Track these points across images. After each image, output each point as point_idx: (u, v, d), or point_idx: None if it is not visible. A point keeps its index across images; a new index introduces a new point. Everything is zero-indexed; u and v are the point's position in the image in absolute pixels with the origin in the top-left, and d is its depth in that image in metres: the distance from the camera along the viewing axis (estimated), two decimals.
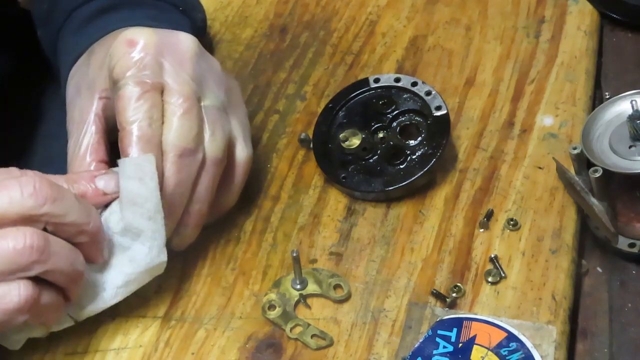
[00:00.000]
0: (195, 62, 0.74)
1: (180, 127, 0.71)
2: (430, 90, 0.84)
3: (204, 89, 0.74)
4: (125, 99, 0.71)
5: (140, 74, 0.71)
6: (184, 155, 0.71)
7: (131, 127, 0.70)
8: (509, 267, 0.75)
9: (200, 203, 0.73)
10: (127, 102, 0.71)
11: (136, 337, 0.74)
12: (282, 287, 0.75)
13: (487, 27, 0.95)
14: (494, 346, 0.69)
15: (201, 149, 0.72)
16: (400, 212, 0.80)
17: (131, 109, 0.70)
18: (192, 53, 0.74)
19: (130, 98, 0.71)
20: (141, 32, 0.73)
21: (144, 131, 0.70)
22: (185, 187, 0.72)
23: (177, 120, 0.71)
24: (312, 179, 0.84)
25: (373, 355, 0.71)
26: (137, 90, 0.71)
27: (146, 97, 0.71)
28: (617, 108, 0.78)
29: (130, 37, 0.73)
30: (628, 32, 0.94)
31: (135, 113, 0.70)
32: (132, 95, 0.71)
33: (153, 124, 0.71)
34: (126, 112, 0.70)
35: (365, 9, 0.99)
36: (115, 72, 0.72)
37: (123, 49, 0.72)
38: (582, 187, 0.75)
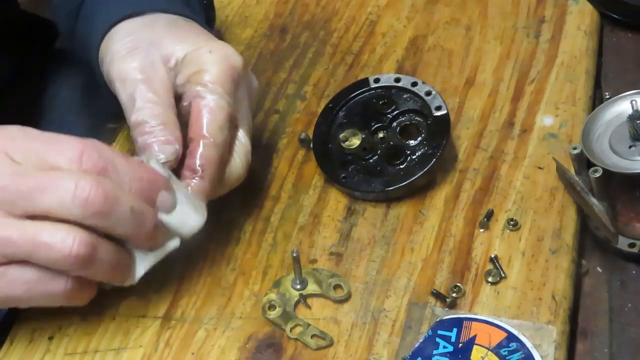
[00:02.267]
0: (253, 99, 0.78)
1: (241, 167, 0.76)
2: (430, 90, 0.84)
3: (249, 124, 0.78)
4: (215, 112, 0.73)
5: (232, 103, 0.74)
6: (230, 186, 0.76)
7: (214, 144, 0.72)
8: (509, 267, 0.75)
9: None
10: (216, 117, 0.72)
11: (136, 337, 0.74)
12: (282, 287, 0.75)
13: (487, 27, 0.95)
14: (494, 346, 0.69)
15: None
16: (400, 212, 0.80)
17: (219, 125, 0.72)
18: (255, 91, 0.79)
19: (220, 115, 0.73)
20: (240, 59, 0.75)
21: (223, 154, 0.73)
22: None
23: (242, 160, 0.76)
24: (312, 179, 0.84)
25: (373, 355, 0.71)
26: (228, 110, 0.73)
27: (232, 121, 0.74)
28: (617, 108, 0.78)
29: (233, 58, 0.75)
30: (628, 32, 0.94)
31: (221, 132, 0.73)
32: (222, 113, 0.73)
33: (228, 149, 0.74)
34: (213, 125, 0.72)
35: (365, 9, 0.99)
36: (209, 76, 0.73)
37: (224, 63, 0.74)
38: (582, 187, 0.75)
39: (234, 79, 0.74)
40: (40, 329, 0.75)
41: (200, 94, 0.73)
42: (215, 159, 0.72)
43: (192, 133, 0.73)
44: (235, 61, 0.74)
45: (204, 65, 0.74)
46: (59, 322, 0.75)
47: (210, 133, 0.72)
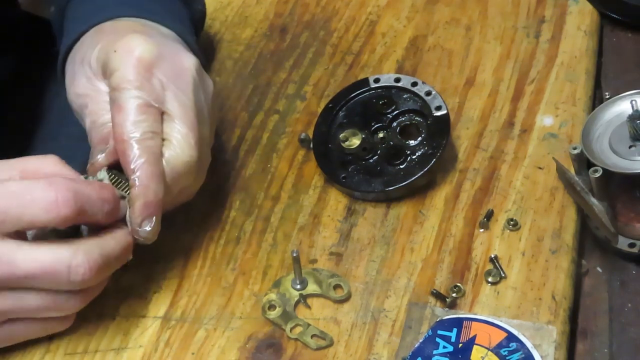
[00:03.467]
0: (196, 89, 0.75)
1: (187, 155, 0.72)
2: (430, 90, 0.84)
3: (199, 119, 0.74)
4: (127, 109, 0.71)
5: (143, 92, 0.71)
6: (179, 179, 0.72)
7: (135, 140, 0.70)
8: (509, 267, 0.75)
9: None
10: (128, 114, 0.71)
11: (136, 337, 0.74)
12: (282, 287, 0.75)
13: (487, 27, 0.95)
14: (494, 346, 0.69)
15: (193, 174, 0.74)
16: (400, 212, 0.80)
17: (133, 120, 0.70)
18: (194, 79, 0.75)
19: (132, 110, 0.71)
20: (146, 45, 0.73)
21: (149, 145, 0.70)
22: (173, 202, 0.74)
23: (183, 146, 0.72)
24: (312, 179, 0.84)
25: (373, 355, 0.71)
26: (140, 103, 0.71)
27: (149, 111, 0.71)
28: (617, 108, 0.78)
29: (135, 49, 0.73)
30: (628, 32, 0.94)
31: (139, 125, 0.70)
32: (134, 107, 0.71)
33: (156, 138, 0.71)
34: (127, 124, 0.70)
35: (365, 9, 0.99)
36: (116, 79, 0.72)
37: (128, 59, 0.72)
38: (582, 187, 0.75)
39: (141, 71, 0.72)
40: None
41: (112, 98, 0.72)
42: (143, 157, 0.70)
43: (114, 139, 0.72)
44: (141, 52, 0.72)
45: (111, 66, 0.73)
46: None
47: (127, 134, 0.70)
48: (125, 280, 0.77)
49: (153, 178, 0.70)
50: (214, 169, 0.85)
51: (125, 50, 0.73)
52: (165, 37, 0.78)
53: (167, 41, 0.76)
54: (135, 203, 0.69)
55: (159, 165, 0.70)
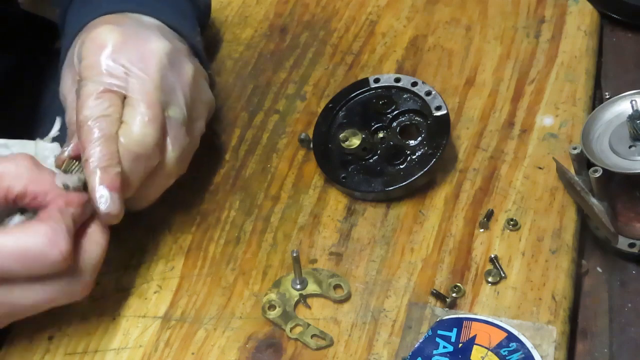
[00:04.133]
0: (163, 71, 0.75)
1: (140, 134, 0.72)
2: (430, 90, 0.84)
3: (169, 100, 0.74)
4: (84, 96, 0.72)
5: (103, 78, 0.72)
6: (138, 160, 0.72)
7: (88, 123, 0.71)
8: (509, 267, 0.75)
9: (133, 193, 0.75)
10: (85, 100, 0.72)
11: (136, 337, 0.74)
12: (282, 287, 0.75)
13: (487, 27, 0.95)
14: (494, 346, 0.69)
15: (157, 157, 0.73)
16: (400, 212, 0.80)
17: (88, 105, 0.71)
18: (161, 61, 0.75)
19: (89, 96, 0.72)
20: (110, 33, 0.74)
21: (101, 127, 0.71)
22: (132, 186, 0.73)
23: (138, 126, 0.72)
24: (312, 179, 0.84)
25: (373, 355, 0.71)
26: (97, 89, 0.72)
27: (105, 96, 0.72)
28: (617, 108, 0.78)
29: (99, 38, 0.74)
30: (628, 32, 0.94)
31: (93, 110, 0.71)
32: (91, 93, 0.72)
33: (111, 123, 0.72)
34: (83, 109, 0.71)
35: (365, 9, 0.99)
36: (81, 68, 0.73)
37: (91, 48, 0.74)
38: (582, 187, 0.75)
39: (103, 58, 0.73)
40: (40, 329, 0.75)
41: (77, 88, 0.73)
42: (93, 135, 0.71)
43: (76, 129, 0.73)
44: (103, 40, 0.74)
45: (80, 58, 0.74)
46: (59, 322, 0.75)
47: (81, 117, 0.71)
48: (125, 280, 0.77)
49: (103, 157, 0.70)
50: (213, 168, 0.85)
51: (90, 40, 0.74)
52: (139, 26, 0.78)
53: (139, 29, 0.77)
54: (89, 182, 0.70)
55: (111, 145, 0.71)
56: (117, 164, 0.70)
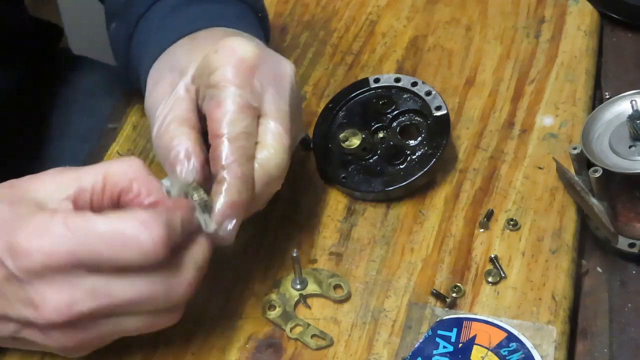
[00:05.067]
0: (292, 94, 0.73)
1: (279, 158, 0.70)
2: (430, 90, 0.84)
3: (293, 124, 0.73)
4: (225, 107, 0.69)
5: (245, 92, 0.70)
6: (271, 183, 0.71)
7: (230, 138, 0.68)
8: (509, 267, 0.75)
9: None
10: (226, 111, 0.69)
11: (136, 337, 0.74)
12: (282, 287, 0.75)
13: (487, 27, 0.95)
14: (494, 346, 0.69)
15: (281, 182, 0.72)
16: (400, 212, 0.80)
17: (231, 118, 0.69)
18: (292, 83, 0.73)
19: (231, 108, 0.69)
20: (251, 48, 0.71)
21: (243, 145, 0.68)
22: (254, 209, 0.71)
23: (277, 150, 0.70)
24: (312, 179, 0.84)
25: (373, 355, 0.71)
26: (239, 102, 0.69)
27: (247, 112, 0.69)
28: (617, 108, 0.78)
29: (239, 49, 0.71)
30: (628, 32, 0.94)
31: (236, 124, 0.69)
32: (233, 105, 0.69)
33: (252, 142, 0.69)
34: (224, 121, 0.69)
35: (365, 9, 0.99)
36: (217, 77, 0.70)
37: (230, 57, 0.71)
38: (582, 187, 0.75)
39: (243, 71, 0.70)
40: None
41: (210, 95, 0.70)
42: (234, 155, 0.68)
43: (209, 136, 0.70)
44: (243, 52, 0.71)
45: (211, 68, 0.71)
46: None
47: (224, 130, 0.69)
48: None
49: (241, 178, 0.68)
50: None
51: (227, 50, 0.71)
52: (262, 43, 0.76)
53: (265, 47, 0.75)
54: (220, 201, 0.67)
55: (249, 167, 0.69)
56: (250, 189, 0.69)
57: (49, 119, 1.03)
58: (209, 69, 0.71)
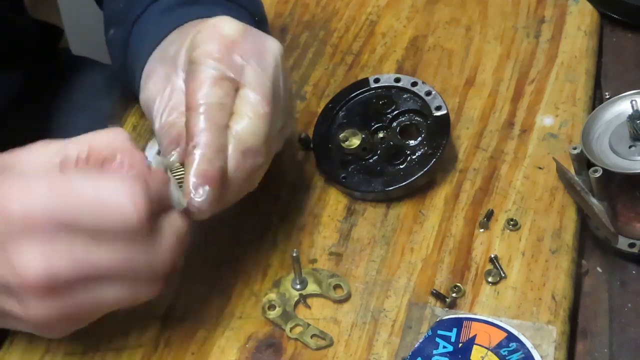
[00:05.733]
0: (276, 70, 0.73)
1: (254, 126, 0.70)
2: (430, 90, 0.84)
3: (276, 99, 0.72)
4: (200, 80, 0.69)
5: (221, 65, 0.70)
6: (247, 154, 0.70)
7: (201, 109, 0.68)
8: (509, 267, 0.75)
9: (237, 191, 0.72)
10: (201, 84, 0.69)
11: (136, 337, 0.74)
12: (282, 287, 0.75)
13: (487, 27, 0.95)
14: (493, 346, 0.69)
15: (261, 157, 0.71)
16: (400, 212, 0.80)
17: (204, 91, 0.69)
18: (276, 60, 0.73)
19: (205, 81, 0.69)
20: (231, 24, 0.72)
21: (214, 115, 0.68)
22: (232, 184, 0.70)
23: (252, 118, 0.70)
24: (312, 179, 0.84)
25: (373, 355, 0.71)
26: (213, 74, 0.69)
27: (222, 84, 0.69)
28: (617, 108, 0.78)
29: (220, 26, 0.72)
30: (628, 32, 0.94)
31: (209, 96, 0.69)
32: (207, 78, 0.69)
33: (224, 110, 0.69)
34: (198, 94, 0.69)
35: (365, 9, 0.99)
36: (196, 53, 0.71)
37: (210, 35, 0.71)
38: (582, 187, 0.75)
39: (222, 45, 0.70)
40: None
41: (189, 71, 0.71)
42: (205, 125, 0.68)
43: (185, 108, 0.70)
44: (223, 27, 0.71)
45: (194, 45, 0.71)
46: None
47: (195, 103, 0.69)
48: None
49: (211, 147, 0.67)
50: None
51: (209, 28, 0.72)
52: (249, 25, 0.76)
53: (253, 27, 0.75)
54: (190, 168, 0.67)
55: (220, 136, 0.68)
56: (222, 158, 0.68)
57: (49, 119, 1.03)
58: (192, 48, 0.72)
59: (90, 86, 1.07)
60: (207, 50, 0.70)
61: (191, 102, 0.69)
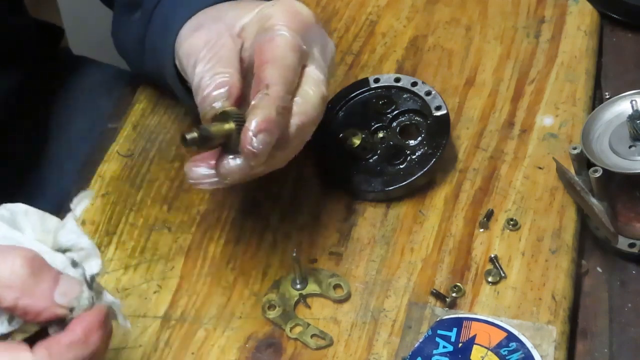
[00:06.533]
0: (332, 66, 0.76)
1: (316, 100, 0.71)
2: (430, 90, 0.84)
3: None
4: (278, 43, 0.70)
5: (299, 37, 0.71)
6: (305, 126, 0.71)
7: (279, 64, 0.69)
8: (508, 267, 0.75)
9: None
10: (279, 46, 0.70)
11: (136, 337, 0.74)
12: (282, 287, 0.75)
13: (487, 27, 0.95)
14: (493, 346, 0.69)
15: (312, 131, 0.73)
16: (400, 212, 0.80)
17: (282, 52, 0.70)
18: (333, 56, 0.76)
19: (284, 45, 0.70)
20: (307, 9, 0.74)
21: (288, 75, 0.69)
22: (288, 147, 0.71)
23: (316, 93, 0.71)
24: (312, 179, 0.84)
25: (373, 355, 0.71)
26: (292, 42, 0.70)
27: (296, 53, 0.71)
28: (617, 108, 0.78)
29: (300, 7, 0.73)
30: (628, 32, 0.94)
31: (285, 58, 0.70)
32: (286, 43, 0.70)
33: (296, 76, 0.70)
34: (276, 52, 0.69)
35: (365, 9, 0.99)
36: (273, 21, 0.71)
37: (290, 10, 0.72)
38: (582, 187, 0.75)
39: (298, 21, 0.72)
40: None
41: (262, 35, 0.71)
42: (279, 79, 0.69)
43: (256, 65, 0.70)
44: (300, 8, 0.73)
45: (267, 16, 0.73)
46: None
47: (272, 58, 0.70)
48: (125, 280, 0.77)
49: (282, 99, 0.68)
50: None
51: (285, 3, 0.73)
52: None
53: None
54: (257, 113, 0.66)
55: (288, 97, 0.69)
56: (287, 117, 0.69)
57: (49, 119, 1.03)
58: (264, 19, 0.72)
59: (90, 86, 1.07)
60: (285, 21, 0.71)
61: (267, 57, 0.69)
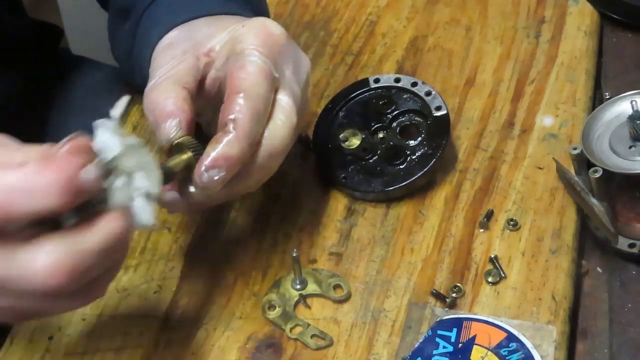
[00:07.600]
0: (306, 87, 0.74)
1: (284, 130, 0.70)
2: (430, 91, 0.84)
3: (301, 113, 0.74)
4: (248, 70, 0.69)
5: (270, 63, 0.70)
6: (272, 156, 0.70)
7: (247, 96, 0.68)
8: (509, 267, 0.75)
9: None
10: (249, 73, 0.69)
11: (136, 337, 0.74)
12: (282, 287, 0.75)
13: (487, 27, 0.95)
14: (493, 346, 0.70)
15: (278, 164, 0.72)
16: (400, 212, 0.80)
17: (253, 80, 0.69)
18: (307, 77, 0.75)
19: (254, 72, 0.69)
20: (280, 29, 0.72)
21: (257, 106, 0.68)
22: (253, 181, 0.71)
23: (285, 123, 0.70)
24: (312, 179, 0.84)
25: (373, 355, 0.71)
26: (264, 68, 0.69)
27: (268, 80, 0.70)
28: (617, 108, 0.78)
29: (272, 28, 0.72)
30: (628, 32, 0.94)
31: (256, 86, 0.69)
32: (257, 70, 0.69)
33: (266, 105, 0.69)
34: (246, 81, 0.68)
35: (365, 10, 0.99)
36: (244, 45, 0.70)
37: (261, 32, 0.71)
38: (582, 187, 0.75)
39: (271, 44, 0.71)
40: (40, 329, 0.75)
41: (234, 60, 0.71)
42: (248, 112, 0.68)
43: (226, 94, 0.69)
44: (271, 28, 0.72)
45: (239, 38, 0.72)
46: (58, 322, 0.75)
47: (243, 88, 0.69)
48: (125, 280, 0.77)
49: (248, 134, 0.67)
50: None
51: (257, 24, 0.72)
52: None
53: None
54: (217, 148, 0.66)
55: (257, 130, 0.68)
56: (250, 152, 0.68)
57: (49, 119, 1.03)
58: (236, 40, 0.72)
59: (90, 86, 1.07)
60: (257, 44, 0.70)
61: (238, 87, 0.69)
